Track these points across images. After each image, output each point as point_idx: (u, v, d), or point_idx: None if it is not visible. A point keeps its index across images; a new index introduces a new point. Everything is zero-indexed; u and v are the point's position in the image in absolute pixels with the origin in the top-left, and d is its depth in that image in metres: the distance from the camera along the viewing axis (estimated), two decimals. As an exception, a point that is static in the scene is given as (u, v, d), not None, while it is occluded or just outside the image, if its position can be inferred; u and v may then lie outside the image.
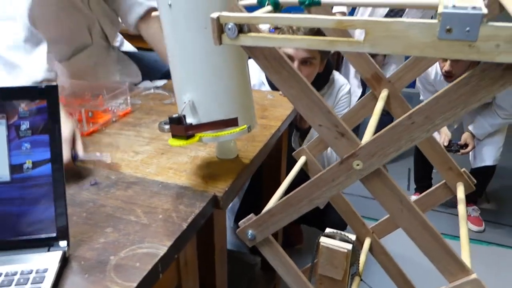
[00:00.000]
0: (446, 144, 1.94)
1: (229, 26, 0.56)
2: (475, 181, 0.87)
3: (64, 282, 0.55)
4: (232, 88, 0.76)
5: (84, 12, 1.23)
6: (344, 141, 0.60)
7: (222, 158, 0.91)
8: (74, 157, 0.81)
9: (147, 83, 1.40)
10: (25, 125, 0.59)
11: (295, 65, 1.39)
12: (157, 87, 1.36)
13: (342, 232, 0.82)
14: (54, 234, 0.60)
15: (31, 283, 0.52)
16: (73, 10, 1.20)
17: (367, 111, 0.89)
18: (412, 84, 4.29)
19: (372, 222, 0.99)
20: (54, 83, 0.59)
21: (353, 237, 0.81)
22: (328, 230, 0.82)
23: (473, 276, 0.59)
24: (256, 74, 1.52)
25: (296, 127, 1.42)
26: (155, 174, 0.83)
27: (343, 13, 2.28)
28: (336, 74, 1.58)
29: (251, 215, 0.73)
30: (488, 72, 0.48)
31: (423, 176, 2.21)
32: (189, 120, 0.76)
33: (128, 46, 1.56)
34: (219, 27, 0.57)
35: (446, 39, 0.46)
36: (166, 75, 1.42)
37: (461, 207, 0.81)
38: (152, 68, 1.48)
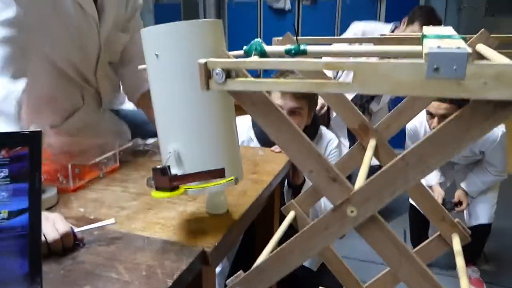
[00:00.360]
0: (440, 202, 1.92)
1: (217, 71, 0.56)
2: (470, 233, 0.84)
3: None
4: (219, 139, 0.74)
5: (82, 85, 1.24)
6: (336, 187, 0.58)
7: (212, 212, 0.87)
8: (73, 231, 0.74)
9: (138, 141, 1.39)
10: (3, 173, 0.56)
11: None
12: (147, 144, 1.35)
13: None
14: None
15: None
16: (69, 85, 1.21)
17: (356, 162, 0.88)
18: (401, 145, 4.37)
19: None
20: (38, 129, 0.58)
21: None
22: None
23: None
24: (245, 130, 1.53)
25: (289, 184, 1.40)
26: (140, 230, 0.79)
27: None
28: (323, 129, 1.59)
29: (240, 272, 0.69)
30: (479, 109, 0.47)
31: (419, 236, 2.16)
32: (174, 171, 0.73)
33: (128, 105, 1.56)
34: (207, 73, 0.57)
35: (434, 78, 0.46)
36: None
37: (459, 259, 0.77)
38: (146, 126, 1.48)
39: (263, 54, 0.68)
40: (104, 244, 0.73)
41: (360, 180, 0.65)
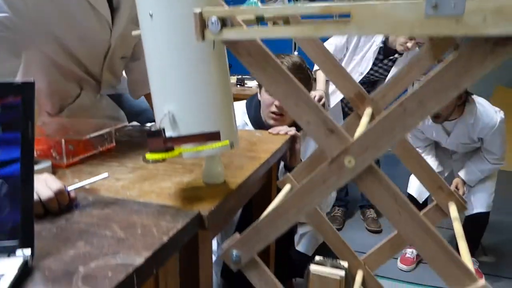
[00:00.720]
0: None
1: (212, 20, 0.55)
2: (465, 201, 0.83)
3: (23, 284, 0.48)
4: (215, 101, 0.73)
5: (82, 77, 1.23)
6: (334, 138, 0.57)
7: (208, 182, 0.86)
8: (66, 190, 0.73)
9: (136, 124, 1.38)
10: (-5, 123, 0.55)
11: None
12: (144, 126, 1.34)
13: (333, 259, 0.76)
14: (17, 241, 0.53)
15: (-17, 289, 0.45)
16: (67, 80, 1.20)
17: (352, 131, 0.87)
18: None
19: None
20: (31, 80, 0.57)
21: (345, 263, 0.74)
22: (317, 257, 0.76)
23: (482, 282, 0.54)
24: (239, 115, 1.52)
25: (285, 166, 1.39)
26: (136, 197, 0.78)
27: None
28: None
29: (235, 234, 0.68)
30: (478, 47, 0.47)
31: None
32: (169, 133, 0.72)
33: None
34: (202, 23, 0.56)
35: (433, 16, 0.45)
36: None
37: (456, 225, 0.76)
38: (146, 113, 1.47)
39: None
40: (99, 208, 0.72)
41: (358, 134, 0.64)
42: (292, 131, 1.29)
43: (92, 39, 1.12)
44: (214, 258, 1.55)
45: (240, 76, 3.13)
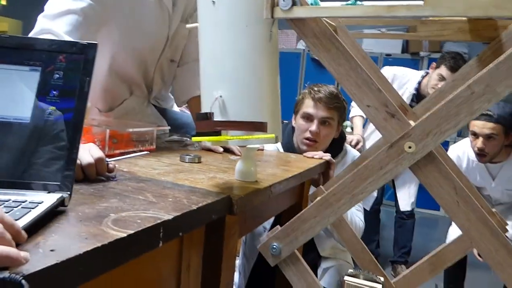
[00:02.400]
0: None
1: None
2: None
3: (58, 218, 0.50)
4: (266, 92, 0.75)
5: (134, 80, 1.31)
6: (394, 123, 0.56)
7: (241, 179, 0.87)
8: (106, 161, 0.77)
9: (175, 136, 1.43)
10: (58, 75, 0.60)
11: (314, 123, 1.42)
12: (183, 137, 1.38)
13: (366, 271, 0.73)
14: (58, 183, 0.56)
15: (22, 207, 0.47)
16: (121, 81, 1.29)
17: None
18: (437, 206, 4.19)
19: None
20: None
21: (381, 278, 0.71)
22: (350, 270, 0.74)
23: None
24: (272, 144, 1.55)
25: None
26: (170, 182, 0.80)
27: (362, 116, 2.40)
28: (348, 147, 1.61)
29: (277, 226, 0.66)
30: None
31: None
32: (217, 118, 0.74)
33: (175, 107, 1.63)
34: (272, 0, 0.59)
35: None
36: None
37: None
38: (187, 128, 1.53)
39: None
40: (134, 182, 0.75)
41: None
42: (327, 156, 1.29)
43: (154, 31, 1.20)
44: (236, 280, 1.51)
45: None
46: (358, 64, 0.58)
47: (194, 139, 0.74)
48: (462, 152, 1.89)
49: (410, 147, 0.55)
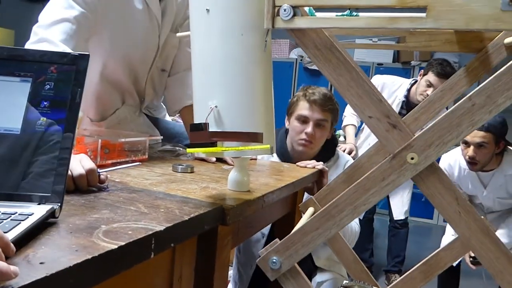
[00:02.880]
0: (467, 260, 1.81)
1: (285, 8, 0.57)
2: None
3: (48, 230, 0.50)
4: (260, 102, 0.74)
5: (126, 89, 1.31)
6: (396, 134, 0.56)
7: (234, 189, 0.87)
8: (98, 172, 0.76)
9: (167, 145, 1.43)
10: (49, 86, 0.60)
11: (310, 125, 1.43)
12: (176, 146, 1.38)
13: (362, 281, 0.73)
14: (49, 194, 0.56)
15: (11, 219, 0.47)
16: (113, 89, 1.29)
17: (383, 154, 0.88)
18: (430, 215, 4.21)
19: None
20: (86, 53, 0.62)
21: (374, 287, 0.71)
22: (345, 281, 0.73)
23: None
24: None
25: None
26: (162, 192, 0.80)
27: (354, 126, 2.43)
28: (340, 151, 1.63)
29: (276, 239, 0.65)
30: None
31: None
32: (212, 129, 0.73)
33: (167, 117, 1.63)
34: (273, 9, 0.58)
35: (509, 10, 0.46)
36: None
37: None
38: (179, 137, 1.53)
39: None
40: (126, 192, 0.74)
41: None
42: (320, 165, 1.30)
43: (145, 41, 1.21)
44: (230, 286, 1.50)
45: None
46: (359, 75, 0.58)
47: (189, 150, 0.73)
48: (453, 160, 1.91)
49: (412, 158, 0.56)
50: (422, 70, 2.33)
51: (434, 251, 0.84)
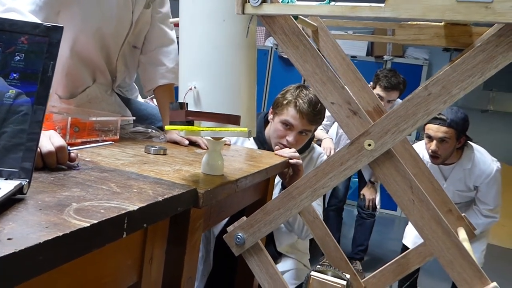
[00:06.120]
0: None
1: None
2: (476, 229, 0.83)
3: (16, 206, 0.48)
4: (240, 87, 0.76)
5: (98, 65, 1.27)
6: (356, 120, 0.58)
7: (207, 173, 0.87)
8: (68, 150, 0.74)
9: (139, 127, 1.40)
10: (19, 57, 0.57)
11: (293, 134, 1.41)
12: (148, 128, 1.35)
13: (336, 268, 0.74)
14: (17, 169, 0.53)
15: (-23, 194, 0.45)
16: (83, 65, 1.25)
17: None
18: (394, 207, 4.34)
19: None
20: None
21: (347, 275, 0.73)
22: (318, 266, 0.75)
23: (493, 284, 0.52)
24: None
25: (283, 186, 1.39)
26: (135, 172, 0.79)
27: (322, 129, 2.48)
28: (314, 144, 1.64)
29: (243, 217, 0.67)
30: (504, 38, 0.49)
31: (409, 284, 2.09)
32: (191, 109, 0.74)
33: (139, 98, 1.59)
34: None
35: (464, 1, 0.48)
36: (161, 128, 1.43)
37: (466, 244, 0.75)
38: (151, 119, 1.50)
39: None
40: (98, 171, 0.72)
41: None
42: (296, 156, 1.30)
43: (118, 16, 1.17)
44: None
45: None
46: (324, 62, 0.60)
47: (167, 127, 0.73)
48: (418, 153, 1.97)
49: (369, 145, 0.57)
50: (371, 83, 2.41)
51: (413, 247, 0.86)
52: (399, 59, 4.13)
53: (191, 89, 0.73)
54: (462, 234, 0.80)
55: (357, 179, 2.82)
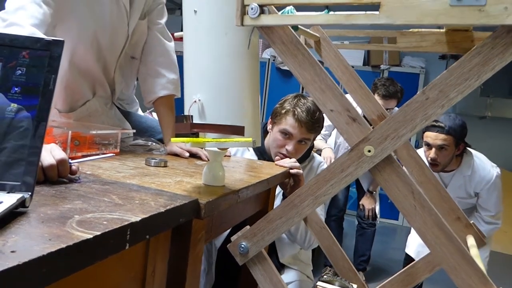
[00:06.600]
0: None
1: (252, 6, 0.59)
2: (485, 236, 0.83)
3: (18, 219, 0.48)
4: (243, 98, 0.77)
5: (97, 78, 1.28)
6: (355, 127, 0.58)
7: (208, 184, 0.87)
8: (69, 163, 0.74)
9: (139, 140, 1.40)
10: (20, 71, 0.58)
11: (292, 143, 1.42)
12: (148, 141, 1.36)
13: (343, 278, 0.74)
14: (19, 183, 0.54)
15: (-20, 207, 0.45)
16: (82, 78, 1.25)
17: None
18: (396, 216, 4.33)
19: None
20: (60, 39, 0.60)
21: (354, 285, 0.72)
22: (325, 276, 0.75)
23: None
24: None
25: (284, 196, 1.39)
26: (136, 184, 0.78)
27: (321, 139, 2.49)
28: (314, 153, 1.64)
29: (246, 226, 0.67)
30: (500, 40, 0.49)
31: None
32: (195, 121, 0.75)
33: (139, 112, 1.60)
34: (243, 8, 0.60)
35: (457, 6, 0.49)
36: (161, 140, 1.43)
37: (473, 251, 0.75)
38: (151, 131, 1.50)
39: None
40: (99, 184, 0.72)
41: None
42: (296, 166, 1.30)
43: (113, 27, 1.19)
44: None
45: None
46: (323, 70, 0.60)
47: (173, 140, 0.74)
48: None
49: (369, 151, 0.58)
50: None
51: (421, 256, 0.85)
52: (396, 68, 4.16)
53: (195, 101, 0.74)
54: (471, 242, 0.80)
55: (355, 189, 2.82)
